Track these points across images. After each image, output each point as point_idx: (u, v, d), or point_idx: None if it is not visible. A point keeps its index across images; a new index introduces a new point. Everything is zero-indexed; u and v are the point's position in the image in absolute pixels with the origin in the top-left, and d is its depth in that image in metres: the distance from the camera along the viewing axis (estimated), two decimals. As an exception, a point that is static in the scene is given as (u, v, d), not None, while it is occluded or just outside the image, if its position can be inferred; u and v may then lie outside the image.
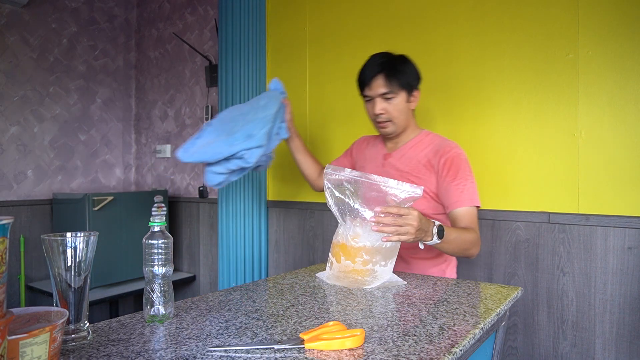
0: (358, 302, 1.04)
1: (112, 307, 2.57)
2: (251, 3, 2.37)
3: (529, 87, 1.66)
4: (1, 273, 0.56)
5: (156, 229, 0.89)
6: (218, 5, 2.55)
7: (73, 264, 0.78)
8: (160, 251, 0.88)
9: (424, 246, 1.22)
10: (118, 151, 3.19)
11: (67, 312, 0.71)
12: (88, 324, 0.81)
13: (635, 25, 1.47)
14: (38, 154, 2.74)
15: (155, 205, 0.90)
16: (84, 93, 2.97)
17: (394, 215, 1.10)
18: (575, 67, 1.57)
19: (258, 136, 1.46)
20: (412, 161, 1.46)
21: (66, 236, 0.78)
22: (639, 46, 1.47)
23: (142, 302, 0.90)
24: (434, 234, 1.17)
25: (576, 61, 1.57)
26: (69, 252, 0.78)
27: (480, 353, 1.05)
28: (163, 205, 0.91)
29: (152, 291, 0.88)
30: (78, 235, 0.79)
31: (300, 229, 2.33)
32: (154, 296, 0.89)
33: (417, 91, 1.46)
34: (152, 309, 0.89)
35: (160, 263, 0.88)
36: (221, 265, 2.48)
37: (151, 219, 0.89)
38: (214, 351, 0.74)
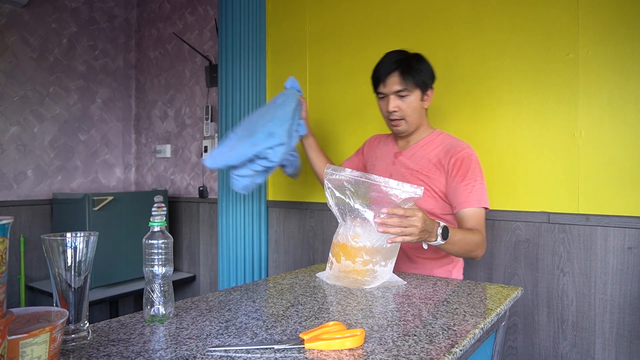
0: (358, 302, 1.04)
1: (112, 307, 2.57)
2: (251, 3, 2.37)
3: (529, 87, 1.66)
4: (1, 273, 0.56)
5: (156, 229, 0.89)
6: (218, 5, 2.55)
7: (73, 264, 0.78)
8: (160, 251, 0.88)
9: (428, 246, 1.21)
10: (118, 151, 3.19)
11: (67, 312, 0.71)
12: (88, 324, 0.81)
13: (635, 25, 1.47)
14: (38, 154, 2.74)
15: (155, 205, 0.90)
16: (84, 93, 2.97)
17: (399, 216, 1.10)
18: (575, 67, 1.57)
19: (279, 134, 1.46)
20: (423, 160, 1.45)
21: (66, 236, 0.78)
22: (639, 46, 1.47)
23: (142, 302, 0.90)
24: (438, 235, 1.17)
25: (576, 61, 1.57)
26: (69, 252, 0.78)
27: (480, 353, 1.05)
28: (163, 205, 0.91)
29: (152, 291, 0.88)
30: (78, 235, 0.79)
31: (300, 229, 2.33)
32: (154, 296, 0.89)
33: (431, 90, 1.45)
34: (152, 309, 0.89)
35: (160, 263, 0.88)
36: (221, 265, 2.48)
37: (151, 219, 0.90)
38: (214, 351, 0.74)
